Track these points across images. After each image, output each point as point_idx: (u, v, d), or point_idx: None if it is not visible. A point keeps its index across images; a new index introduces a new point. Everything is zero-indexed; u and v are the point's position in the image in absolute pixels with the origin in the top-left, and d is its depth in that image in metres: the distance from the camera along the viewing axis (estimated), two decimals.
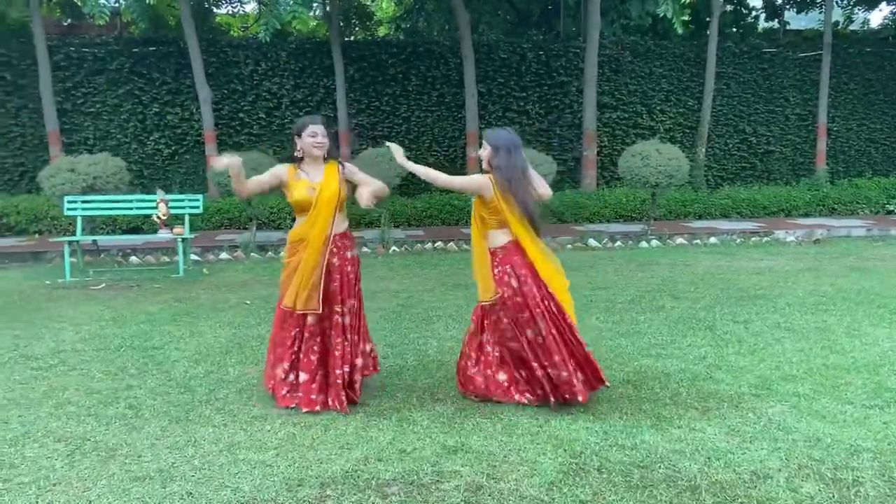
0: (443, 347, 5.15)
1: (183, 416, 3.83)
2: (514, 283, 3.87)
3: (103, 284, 8.13)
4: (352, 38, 16.41)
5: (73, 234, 9.38)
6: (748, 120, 15.39)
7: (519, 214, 3.87)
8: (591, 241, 10.49)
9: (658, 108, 14.99)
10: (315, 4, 11.66)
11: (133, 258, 9.92)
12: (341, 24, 16.29)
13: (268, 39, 11.36)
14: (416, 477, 3.09)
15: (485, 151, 3.98)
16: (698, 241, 10.78)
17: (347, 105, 13.30)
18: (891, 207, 14.27)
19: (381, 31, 19.01)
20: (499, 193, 3.87)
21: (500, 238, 3.95)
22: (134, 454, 3.34)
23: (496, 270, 3.92)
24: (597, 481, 3.04)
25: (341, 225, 4.04)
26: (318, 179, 3.97)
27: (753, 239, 10.99)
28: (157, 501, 2.88)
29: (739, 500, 2.88)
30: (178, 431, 3.62)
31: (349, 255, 4.06)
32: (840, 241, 11.05)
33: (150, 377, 4.54)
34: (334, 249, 3.97)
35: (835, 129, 15.71)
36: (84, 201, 9.07)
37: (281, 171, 4.03)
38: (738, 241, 10.87)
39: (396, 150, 4.17)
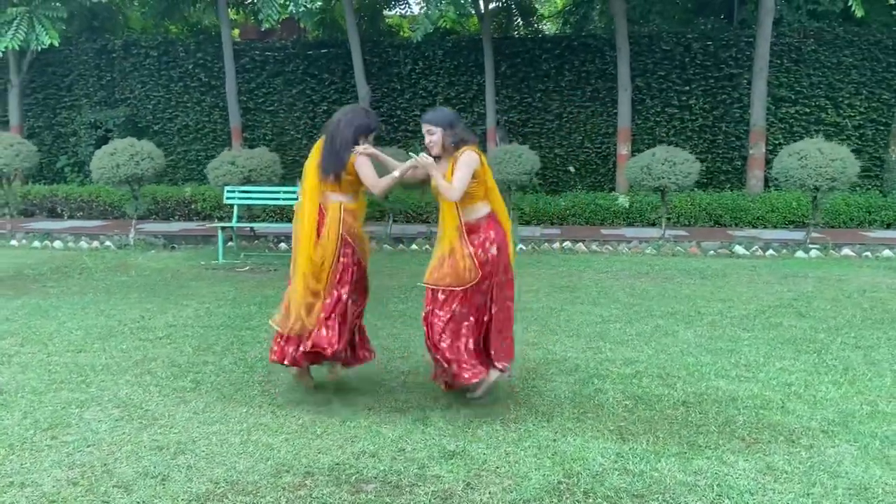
0: None
1: (230, 395, 4.14)
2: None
3: (248, 267, 8.92)
4: (515, 34, 16.40)
5: (240, 220, 10.37)
6: None
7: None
8: (738, 249, 9.64)
9: (846, 101, 13.36)
10: (464, 2, 11.80)
11: (282, 245, 10.76)
12: (503, 21, 16.39)
13: (419, 39, 11.74)
14: (396, 477, 3.10)
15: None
16: (868, 253, 9.50)
17: (498, 102, 13.35)
18: None
19: (551, 27, 18.81)
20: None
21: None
22: (169, 425, 3.67)
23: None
24: None
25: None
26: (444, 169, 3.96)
27: None
28: (160, 470, 3.16)
29: None
30: (217, 408, 3.92)
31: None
32: None
33: (228, 355, 4.95)
34: None
35: None
36: (241, 191, 10.01)
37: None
38: None
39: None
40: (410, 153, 3.98)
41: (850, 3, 10.39)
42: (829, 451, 3.36)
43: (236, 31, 18.42)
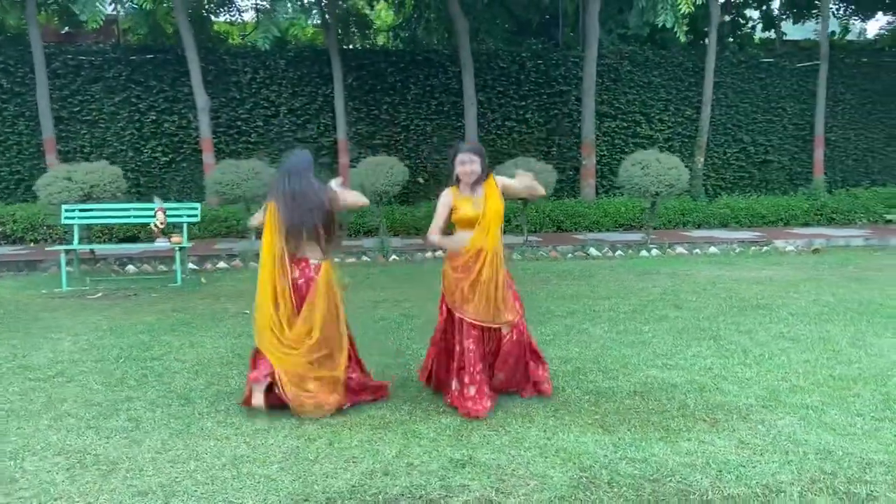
0: None
1: (184, 429, 3.76)
2: None
3: (100, 294, 8.06)
4: (351, 46, 16.39)
5: (70, 242, 9.31)
6: (746, 129, 15.43)
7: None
8: (592, 251, 10.46)
9: (657, 117, 15.01)
10: (314, 12, 11.61)
11: (130, 267, 9.84)
12: (339, 32, 16.30)
13: (267, 47, 11.35)
14: (423, 492, 3.03)
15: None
16: (698, 250, 10.76)
17: (346, 113, 13.26)
18: (889, 217, 14.27)
19: (380, 40, 19.02)
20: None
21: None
22: (135, 468, 3.27)
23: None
24: (608, 496, 2.99)
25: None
26: (480, 195, 4.08)
27: (753, 248, 10.98)
28: None
29: None
30: (179, 445, 3.55)
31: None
32: (839, 251, 11.05)
33: (150, 389, 4.48)
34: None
35: (832, 138, 15.75)
36: (81, 210, 9.01)
37: (447, 197, 4.15)
38: (738, 250, 10.85)
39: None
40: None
41: (666, 26, 11.63)
42: (779, 423, 3.80)
43: None
